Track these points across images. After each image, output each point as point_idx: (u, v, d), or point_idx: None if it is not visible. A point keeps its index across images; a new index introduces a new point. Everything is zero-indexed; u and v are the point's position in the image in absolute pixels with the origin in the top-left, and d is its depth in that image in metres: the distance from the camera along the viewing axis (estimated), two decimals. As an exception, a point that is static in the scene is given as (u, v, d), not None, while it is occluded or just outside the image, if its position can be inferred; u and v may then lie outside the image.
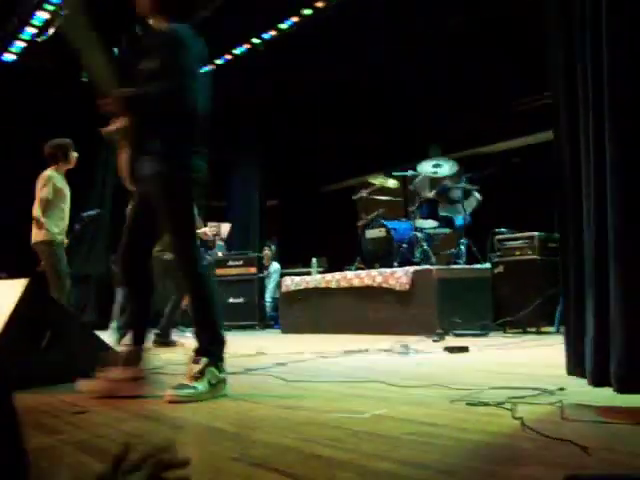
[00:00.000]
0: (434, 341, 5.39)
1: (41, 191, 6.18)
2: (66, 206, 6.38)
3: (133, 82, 3.08)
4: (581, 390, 2.36)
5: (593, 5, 2.25)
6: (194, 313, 3.05)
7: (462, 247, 7.37)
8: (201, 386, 2.79)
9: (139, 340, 3.09)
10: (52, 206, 6.21)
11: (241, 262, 9.62)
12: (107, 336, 4.42)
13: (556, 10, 2.51)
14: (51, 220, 6.18)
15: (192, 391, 2.77)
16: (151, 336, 6.01)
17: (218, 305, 3.05)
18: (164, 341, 6.14)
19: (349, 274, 7.50)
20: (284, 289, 8.36)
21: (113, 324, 7.78)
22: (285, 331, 8.16)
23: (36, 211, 6.19)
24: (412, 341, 4.99)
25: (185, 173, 3.01)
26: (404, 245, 7.40)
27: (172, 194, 2.98)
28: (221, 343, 2.97)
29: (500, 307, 6.24)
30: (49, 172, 6.23)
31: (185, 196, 3.04)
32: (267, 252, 10.78)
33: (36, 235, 6.24)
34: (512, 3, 8.31)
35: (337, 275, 7.63)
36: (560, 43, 2.48)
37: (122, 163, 3.18)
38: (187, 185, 3.04)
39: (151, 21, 3.16)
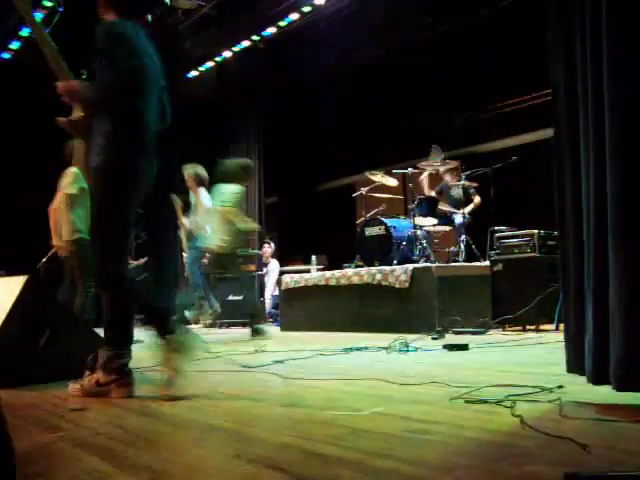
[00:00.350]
0: (433, 339, 5.38)
1: (66, 187, 5.97)
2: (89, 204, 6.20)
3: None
4: (580, 388, 2.37)
5: (593, 5, 2.25)
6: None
7: (461, 245, 7.38)
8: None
9: (120, 342, 3.03)
10: (78, 203, 5.98)
11: (241, 259, 9.60)
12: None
13: (556, 10, 2.50)
14: (78, 217, 5.97)
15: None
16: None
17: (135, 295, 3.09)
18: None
19: (348, 271, 7.49)
20: (283, 286, 8.35)
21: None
22: (284, 328, 8.16)
23: (57, 208, 6.01)
24: (411, 339, 4.99)
25: (122, 172, 2.95)
26: (403, 243, 7.40)
27: (104, 190, 2.95)
28: (157, 311, 3.03)
29: (499, 305, 6.23)
30: (75, 169, 5.99)
31: (117, 195, 2.96)
32: (267, 249, 10.78)
33: (62, 234, 6.02)
34: (510, 2, 8.33)
35: (336, 272, 7.63)
36: (560, 42, 2.48)
37: (78, 156, 3.08)
38: (122, 184, 2.96)
39: (104, 17, 3.10)
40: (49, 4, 8.70)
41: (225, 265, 7.04)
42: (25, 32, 9.28)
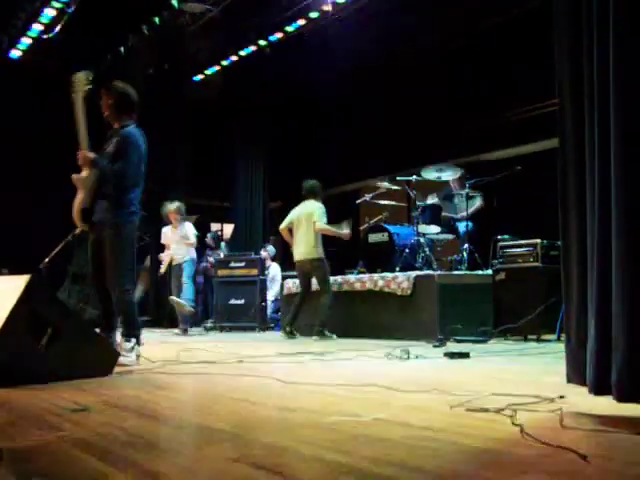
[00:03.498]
0: (434, 346, 5.38)
1: (320, 219, 7.28)
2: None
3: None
4: (581, 398, 2.36)
5: (600, 14, 2.25)
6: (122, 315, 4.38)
7: (464, 253, 7.37)
8: (133, 356, 4.25)
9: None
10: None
11: (243, 264, 9.62)
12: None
13: (564, 18, 2.51)
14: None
15: (130, 359, 4.18)
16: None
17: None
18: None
19: (351, 278, 7.50)
20: (286, 291, 8.36)
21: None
22: (285, 333, 8.14)
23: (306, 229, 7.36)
24: (413, 346, 4.99)
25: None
26: (406, 250, 7.39)
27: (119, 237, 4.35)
28: (139, 329, 4.43)
29: (501, 314, 6.23)
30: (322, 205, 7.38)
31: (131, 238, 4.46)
32: (264, 254, 10.76)
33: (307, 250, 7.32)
34: (519, 13, 8.34)
35: (339, 278, 7.63)
36: (567, 50, 2.48)
37: (76, 203, 4.32)
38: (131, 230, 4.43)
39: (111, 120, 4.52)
40: (58, 5, 8.73)
41: None
42: (34, 32, 9.32)
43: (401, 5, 8.82)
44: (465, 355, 4.48)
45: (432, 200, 7.93)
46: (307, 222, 7.36)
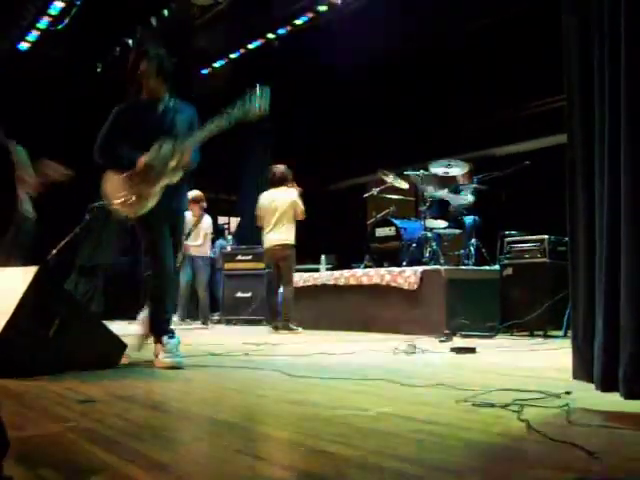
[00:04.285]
0: (441, 341, 5.37)
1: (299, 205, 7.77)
2: None
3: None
4: (588, 394, 2.36)
5: (611, 8, 2.24)
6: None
7: (472, 248, 7.35)
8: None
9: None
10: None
11: (250, 257, 9.63)
12: (114, 326, 4.44)
13: (573, 15, 2.49)
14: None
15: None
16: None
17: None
18: None
19: (358, 272, 7.49)
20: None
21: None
22: (292, 327, 8.15)
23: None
24: (419, 341, 4.98)
25: None
26: (413, 244, 7.38)
27: None
28: None
29: (508, 309, 6.21)
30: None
31: None
32: None
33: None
34: (529, 6, 8.30)
35: (346, 272, 7.63)
36: (576, 43, 2.47)
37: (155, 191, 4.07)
38: None
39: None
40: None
41: None
42: (43, 24, 9.33)
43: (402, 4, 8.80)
44: (471, 350, 4.47)
45: (440, 193, 7.90)
46: (283, 209, 7.70)
